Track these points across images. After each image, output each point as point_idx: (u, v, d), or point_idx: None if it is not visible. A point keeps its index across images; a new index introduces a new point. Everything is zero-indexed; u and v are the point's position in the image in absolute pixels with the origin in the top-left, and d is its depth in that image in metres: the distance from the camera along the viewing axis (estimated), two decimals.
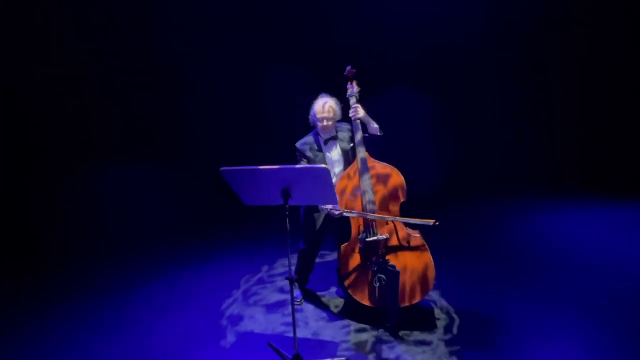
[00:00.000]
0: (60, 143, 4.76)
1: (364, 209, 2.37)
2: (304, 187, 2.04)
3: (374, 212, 2.35)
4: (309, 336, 2.40)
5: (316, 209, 2.52)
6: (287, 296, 2.86)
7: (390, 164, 2.45)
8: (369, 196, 2.36)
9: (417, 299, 2.36)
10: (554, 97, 5.14)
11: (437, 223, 2.15)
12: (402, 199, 2.40)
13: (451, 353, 2.17)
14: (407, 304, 2.36)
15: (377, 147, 2.45)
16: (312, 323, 2.52)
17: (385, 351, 2.22)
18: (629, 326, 2.25)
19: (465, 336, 2.30)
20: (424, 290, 2.34)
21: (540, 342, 2.21)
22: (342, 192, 2.43)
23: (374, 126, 2.44)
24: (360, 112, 2.43)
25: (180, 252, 3.80)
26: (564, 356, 2.09)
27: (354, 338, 2.35)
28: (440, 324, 2.43)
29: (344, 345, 2.30)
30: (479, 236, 3.73)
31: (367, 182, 2.37)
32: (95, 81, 4.89)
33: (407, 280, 2.34)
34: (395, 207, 2.40)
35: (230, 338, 2.43)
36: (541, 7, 4.92)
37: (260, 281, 3.14)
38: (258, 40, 5.27)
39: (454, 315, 2.50)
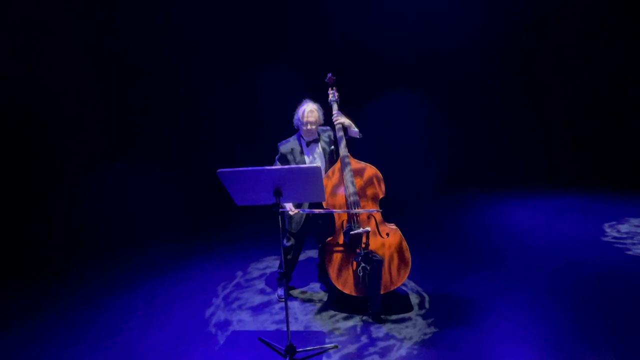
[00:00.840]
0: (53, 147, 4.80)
1: (347, 202, 2.58)
2: (295, 186, 2.17)
3: (357, 203, 2.57)
4: (301, 329, 2.52)
5: (301, 207, 2.65)
6: (271, 297, 2.94)
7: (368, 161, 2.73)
8: (351, 189, 2.57)
9: (401, 280, 2.60)
10: (504, 104, 5.87)
11: (381, 210, 2.55)
12: (380, 192, 2.65)
13: (429, 324, 2.49)
14: (393, 286, 2.60)
15: (357, 148, 2.70)
16: (302, 317, 2.65)
17: (374, 331, 2.44)
18: (569, 294, 2.71)
19: (436, 309, 2.63)
20: (405, 271, 2.60)
21: (500, 310, 2.59)
22: None
23: (353, 130, 2.67)
24: (342, 118, 2.66)
25: (148, 262, 3.67)
26: (519, 320, 2.47)
27: (343, 325, 2.53)
28: (414, 302, 2.75)
29: (336, 332, 2.46)
30: (441, 227, 4.20)
31: (348, 175, 2.58)
32: (93, 82, 4.91)
33: (389, 264, 2.58)
34: (372, 193, 2.63)
35: (222, 340, 2.45)
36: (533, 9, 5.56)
37: (238, 286, 3.15)
38: (252, 42, 5.45)
39: (424, 294, 2.84)
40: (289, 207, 2.56)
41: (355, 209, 2.54)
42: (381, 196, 2.66)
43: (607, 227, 3.83)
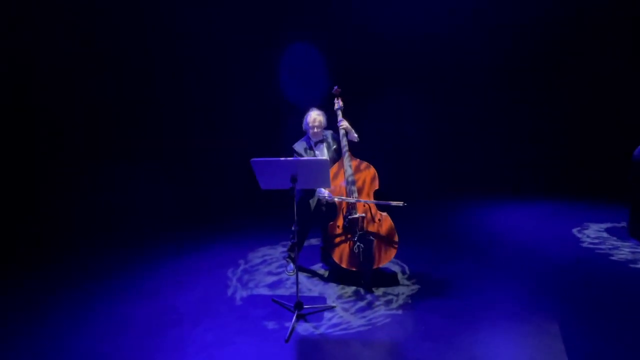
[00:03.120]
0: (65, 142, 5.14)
1: (346, 183, 3.17)
2: (307, 174, 2.74)
3: (353, 182, 3.16)
4: (316, 295, 3.06)
5: (310, 196, 3.22)
6: (281, 276, 3.43)
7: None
8: (349, 171, 3.19)
9: (389, 258, 3.17)
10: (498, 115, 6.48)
11: (405, 204, 3.00)
12: (376, 185, 3.25)
13: (413, 284, 3.15)
14: (382, 263, 3.16)
15: (358, 150, 3.33)
16: (313, 288, 3.20)
17: (375, 292, 3.03)
18: (542, 283, 3.18)
19: (417, 275, 3.31)
20: (392, 250, 3.17)
21: (474, 286, 3.14)
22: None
23: (353, 135, 3.31)
24: (345, 124, 3.29)
25: (152, 251, 4.07)
26: (491, 295, 3.00)
27: (349, 290, 3.10)
28: (399, 271, 3.40)
29: (345, 296, 3.04)
30: (430, 223, 4.81)
31: (347, 162, 3.20)
32: (100, 79, 5.20)
33: (380, 244, 3.16)
34: (369, 187, 3.22)
35: (242, 302, 2.97)
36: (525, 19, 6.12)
37: (246, 271, 3.57)
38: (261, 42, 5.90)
39: (404, 265, 3.51)
40: (327, 193, 3.11)
41: (353, 189, 3.13)
42: (377, 187, 3.25)
43: (576, 232, 4.30)
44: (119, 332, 2.65)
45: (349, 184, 3.17)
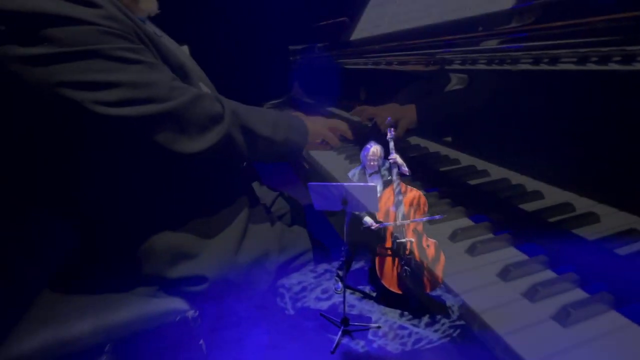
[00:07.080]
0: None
1: (394, 210, 3.31)
2: (356, 198, 3.00)
3: (402, 208, 3.27)
4: (356, 313, 3.15)
5: (358, 222, 3.45)
6: (333, 300, 3.55)
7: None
8: (399, 201, 3.32)
9: (437, 284, 3.19)
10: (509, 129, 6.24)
11: (445, 215, 3.13)
12: (425, 209, 3.36)
13: (454, 296, 3.10)
14: (431, 288, 3.20)
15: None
16: (370, 308, 3.26)
17: (421, 320, 3.05)
18: None
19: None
20: (439, 276, 3.21)
21: None
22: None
23: (404, 169, 3.48)
24: (397, 159, 3.47)
25: None
26: None
27: (393, 312, 3.16)
28: (446, 298, 3.35)
29: (406, 314, 3.10)
30: None
31: (397, 189, 3.33)
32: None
33: (427, 269, 3.21)
34: (417, 212, 3.33)
35: (293, 312, 3.13)
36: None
37: (295, 299, 3.58)
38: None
39: (451, 298, 3.43)
40: (371, 222, 3.35)
41: (400, 213, 3.25)
42: (425, 211, 3.37)
43: None
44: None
45: (397, 208, 3.32)
